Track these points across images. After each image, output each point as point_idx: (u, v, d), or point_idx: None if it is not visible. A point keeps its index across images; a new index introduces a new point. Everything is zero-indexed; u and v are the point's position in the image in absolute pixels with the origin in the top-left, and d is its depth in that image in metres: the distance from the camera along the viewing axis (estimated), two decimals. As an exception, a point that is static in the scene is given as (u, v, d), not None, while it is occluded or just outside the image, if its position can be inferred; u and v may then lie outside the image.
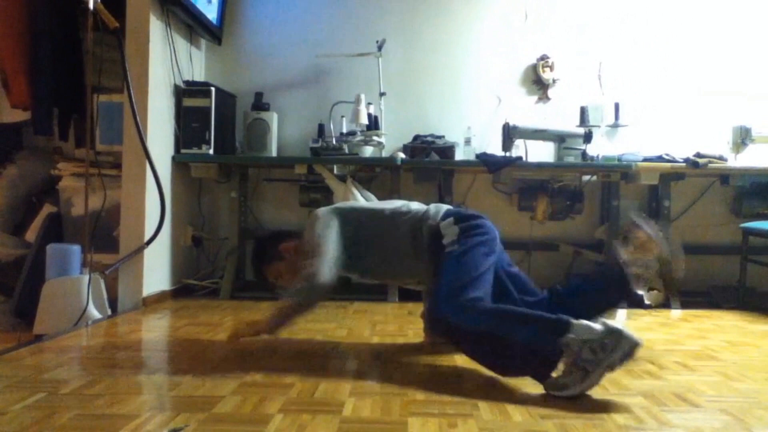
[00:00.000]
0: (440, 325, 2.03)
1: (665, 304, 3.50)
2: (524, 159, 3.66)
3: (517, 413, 1.60)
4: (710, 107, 3.97)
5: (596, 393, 1.79)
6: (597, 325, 1.74)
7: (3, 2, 3.35)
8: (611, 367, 1.70)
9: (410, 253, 2.26)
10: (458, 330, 1.94)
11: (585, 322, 1.77)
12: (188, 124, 3.52)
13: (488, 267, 2.11)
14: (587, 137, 3.62)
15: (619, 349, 1.68)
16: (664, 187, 3.68)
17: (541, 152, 3.84)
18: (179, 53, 3.59)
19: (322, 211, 2.34)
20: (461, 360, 2.18)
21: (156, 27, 3.29)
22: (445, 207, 2.31)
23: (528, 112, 3.97)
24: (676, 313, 3.33)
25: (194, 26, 3.69)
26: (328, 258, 2.17)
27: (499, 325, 1.88)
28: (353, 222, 2.30)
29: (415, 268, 2.30)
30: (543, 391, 1.78)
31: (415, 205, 2.36)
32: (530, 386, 1.85)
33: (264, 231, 2.61)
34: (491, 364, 1.93)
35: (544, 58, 3.98)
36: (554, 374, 1.78)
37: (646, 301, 3.47)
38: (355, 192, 3.45)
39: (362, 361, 2.08)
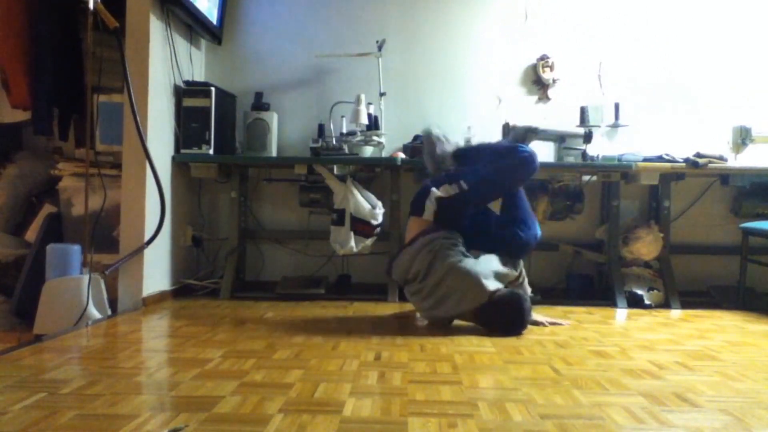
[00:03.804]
0: None
1: (665, 304, 3.51)
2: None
3: (517, 413, 1.60)
4: (710, 107, 3.97)
5: (596, 392, 1.79)
6: None
7: (3, 2, 3.35)
8: None
9: None
10: None
11: None
12: (188, 124, 3.52)
13: None
14: (587, 137, 3.62)
15: None
16: (664, 187, 3.68)
17: (541, 152, 3.81)
18: (179, 53, 3.59)
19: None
20: (461, 359, 2.18)
21: (156, 27, 3.29)
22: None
23: (528, 112, 3.98)
24: (676, 313, 3.34)
25: (194, 26, 3.69)
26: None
27: None
28: None
29: None
30: (543, 390, 1.79)
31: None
32: (530, 386, 1.85)
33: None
34: None
35: (544, 58, 3.99)
36: None
37: (646, 301, 3.47)
38: (355, 192, 3.45)
39: (362, 361, 2.08)
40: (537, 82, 4.03)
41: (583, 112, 3.81)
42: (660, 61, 4.01)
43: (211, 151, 3.52)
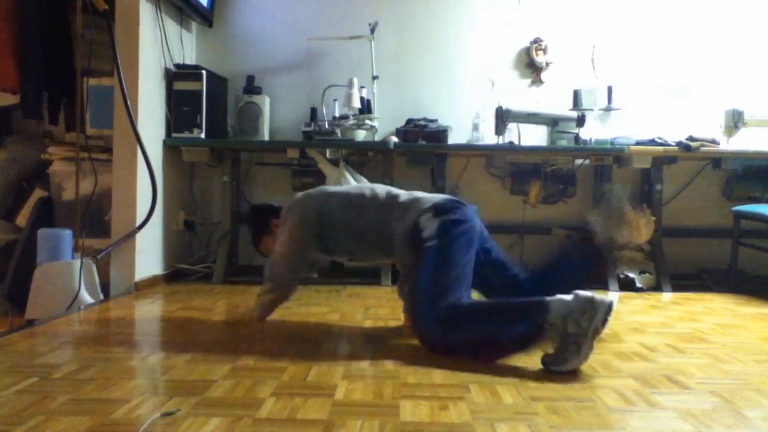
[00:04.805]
0: (426, 340, 2.07)
1: (657, 287, 3.52)
2: (517, 143, 3.66)
3: (508, 395, 1.61)
4: (703, 91, 3.96)
5: (587, 375, 1.80)
6: (569, 297, 1.84)
7: (-11, -16, 3.30)
8: (596, 333, 1.79)
9: (382, 237, 2.29)
10: (443, 342, 2.01)
11: (558, 297, 1.87)
12: (179, 107, 3.49)
13: (469, 259, 2.14)
14: (580, 121, 3.61)
15: (598, 314, 1.79)
16: (656, 171, 3.69)
17: (534, 136, 3.84)
18: (170, 36, 3.55)
19: (299, 199, 2.47)
20: (453, 343, 2.19)
21: (146, 9, 3.25)
22: (426, 200, 2.27)
23: (521, 96, 3.96)
24: (667, 296, 3.36)
25: (184, 8, 3.64)
26: (293, 253, 2.38)
27: (482, 329, 1.98)
28: (326, 207, 2.37)
29: (388, 249, 2.31)
30: (534, 371, 1.80)
31: (382, 191, 2.37)
32: (521, 368, 1.86)
33: (261, 205, 2.92)
34: (481, 358, 1.96)
35: (537, 41, 3.96)
36: (551, 350, 1.84)
37: (638, 284, 3.49)
38: (348, 176, 3.44)
39: (355, 345, 2.08)
40: (530, 65, 4.01)
41: (576, 95, 3.80)
42: (653, 45, 3.99)
43: (202, 135, 3.50)
